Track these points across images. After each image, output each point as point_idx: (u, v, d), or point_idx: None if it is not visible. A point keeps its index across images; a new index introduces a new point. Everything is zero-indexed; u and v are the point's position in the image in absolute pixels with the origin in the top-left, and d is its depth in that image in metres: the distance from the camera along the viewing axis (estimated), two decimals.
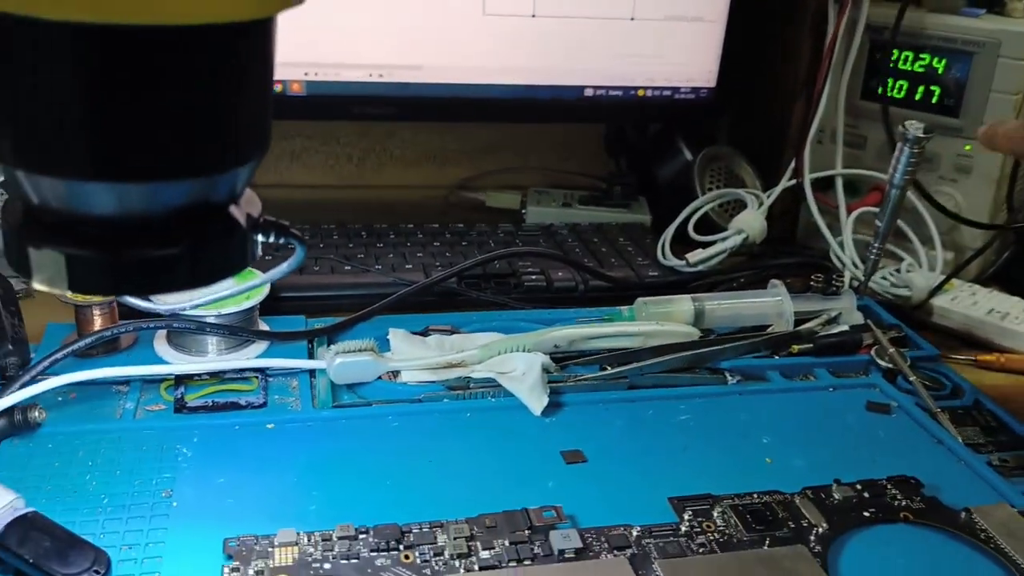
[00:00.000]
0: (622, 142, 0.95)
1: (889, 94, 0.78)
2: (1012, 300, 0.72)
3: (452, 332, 0.60)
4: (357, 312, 0.61)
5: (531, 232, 0.83)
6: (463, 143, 0.97)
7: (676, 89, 0.88)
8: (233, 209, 0.32)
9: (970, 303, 0.72)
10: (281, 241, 0.33)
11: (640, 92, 0.88)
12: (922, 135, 0.60)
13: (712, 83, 0.88)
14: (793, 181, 0.76)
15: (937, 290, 0.72)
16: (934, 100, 0.76)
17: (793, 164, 0.76)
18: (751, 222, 0.73)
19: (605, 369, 0.56)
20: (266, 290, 0.57)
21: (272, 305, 0.62)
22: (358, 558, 0.41)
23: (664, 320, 0.60)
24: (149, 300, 0.49)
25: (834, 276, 0.66)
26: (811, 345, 0.60)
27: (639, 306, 0.62)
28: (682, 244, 0.78)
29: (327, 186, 0.95)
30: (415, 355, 0.55)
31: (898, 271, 0.73)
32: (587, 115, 0.91)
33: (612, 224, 0.85)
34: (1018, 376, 0.67)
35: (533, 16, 0.83)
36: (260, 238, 0.33)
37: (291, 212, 0.87)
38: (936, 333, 0.71)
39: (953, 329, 0.71)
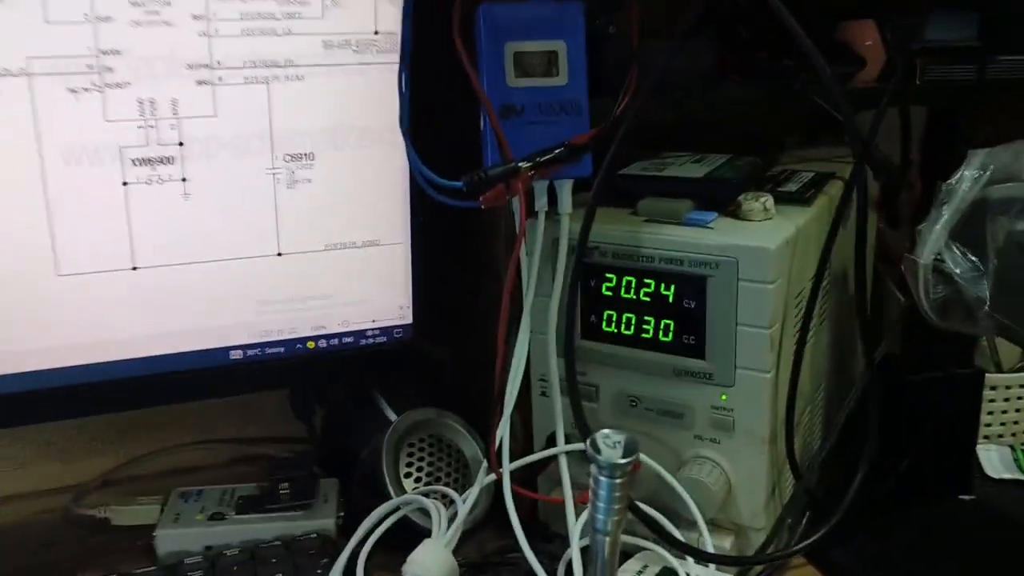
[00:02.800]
0: (311, 401, 0.72)
1: (615, 330, 0.57)
2: None
3: None
4: None
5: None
6: (98, 424, 0.72)
7: (360, 333, 0.66)
8: None
9: None
10: None
11: (310, 344, 0.65)
12: (621, 460, 0.38)
13: (407, 319, 0.67)
14: (492, 476, 0.53)
15: None
16: (669, 337, 0.56)
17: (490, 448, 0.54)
18: (428, 565, 0.49)
19: None
20: None
21: None
22: None
23: None
24: None
25: None
26: None
27: None
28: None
29: None
30: None
31: None
32: (241, 385, 0.67)
33: (277, 542, 0.60)
34: None
35: (134, 269, 0.59)
36: None
37: None
38: None
39: None
